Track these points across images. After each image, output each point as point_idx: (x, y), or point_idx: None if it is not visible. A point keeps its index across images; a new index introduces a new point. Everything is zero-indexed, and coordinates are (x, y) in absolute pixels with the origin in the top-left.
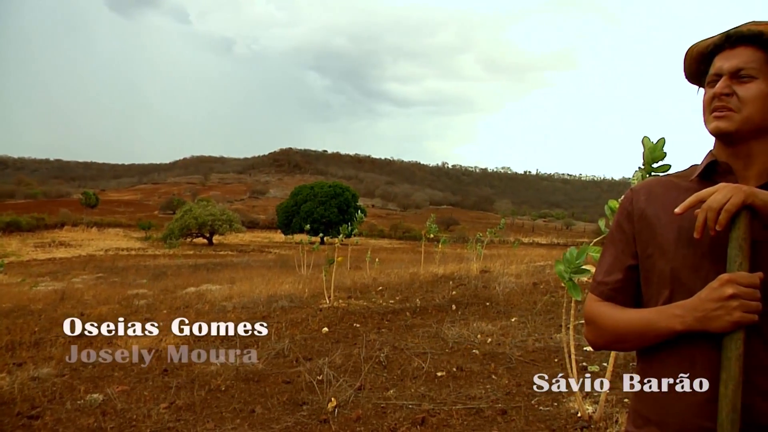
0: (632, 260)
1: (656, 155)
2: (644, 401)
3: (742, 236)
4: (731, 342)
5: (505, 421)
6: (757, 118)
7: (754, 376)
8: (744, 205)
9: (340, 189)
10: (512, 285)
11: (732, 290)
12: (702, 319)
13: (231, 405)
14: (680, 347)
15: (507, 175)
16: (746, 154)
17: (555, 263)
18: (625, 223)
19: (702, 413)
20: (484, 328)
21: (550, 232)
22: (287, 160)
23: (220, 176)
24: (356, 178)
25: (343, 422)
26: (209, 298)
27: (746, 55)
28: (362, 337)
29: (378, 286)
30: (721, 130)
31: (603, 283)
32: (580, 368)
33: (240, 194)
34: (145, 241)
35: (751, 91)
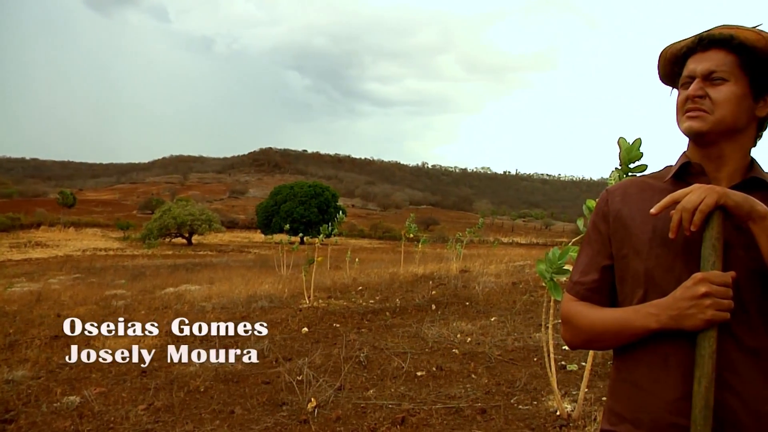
0: (608, 260)
1: (633, 155)
2: (619, 399)
3: (716, 236)
4: (705, 340)
5: (484, 420)
6: (729, 119)
7: (725, 373)
8: (717, 206)
9: (320, 189)
10: (492, 285)
11: (705, 289)
12: (676, 317)
13: (210, 406)
14: (654, 345)
15: (487, 175)
16: (718, 155)
17: (536, 263)
18: (601, 224)
19: (675, 410)
20: (464, 328)
21: (529, 232)
22: (267, 160)
23: (199, 176)
24: (336, 177)
25: (323, 422)
26: (188, 298)
27: (718, 57)
28: (342, 337)
29: (358, 286)
30: (694, 130)
31: (579, 283)
32: (559, 367)
33: (219, 194)
34: (124, 241)
35: (723, 93)
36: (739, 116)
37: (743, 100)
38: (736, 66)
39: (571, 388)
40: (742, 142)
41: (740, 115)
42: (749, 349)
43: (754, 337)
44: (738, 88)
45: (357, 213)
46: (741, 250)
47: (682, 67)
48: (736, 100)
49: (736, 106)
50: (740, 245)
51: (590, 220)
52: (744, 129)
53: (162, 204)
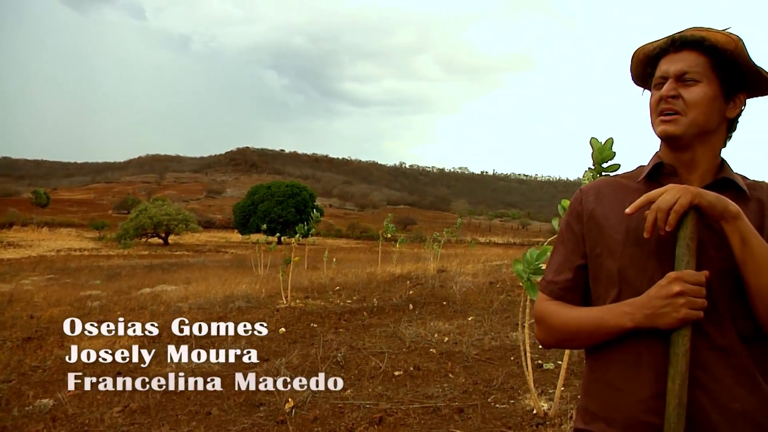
0: (581, 260)
1: (605, 155)
2: (592, 397)
3: (690, 235)
4: (678, 338)
5: (462, 419)
6: (702, 120)
7: (696, 371)
8: (691, 206)
9: (298, 189)
10: (469, 284)
11: (679, 288)
12: (651, 316)
13: (187, 407)
14: (627, 344)
15: (464, 175)
16: (690, 156)
17: (513, 263)
18: (575, 224)
19: (648, 408)
20: (441, 327)
21: (506, 232)
22: (244, 160)
23: (175, 175)
24: (313, 177)
25: (300, 423)
26: (164, 299)
27: (690, 59)
28: (319, 337)
29: (335, 285)
30: (668, 133)
31: (553, 282)
32: (535, 366)
33: (196, 194)
34: (99, 242)
35: (696, 94)
36: (711, 117)
37: (715, 101)
38: (707, 67)
39: (547, 387)
40: (714, 143)
41: (712, 116)
42: (719, 347)
43: (724, 335)
44: (710, 89)
45: (334, 213)
46: (713, 250)
47: (654, 68)
48: (709, 101)
49: (709, 106)
50: (712, 245)
51: (564, 220)
52: (715, 130)
53: (138, 203)
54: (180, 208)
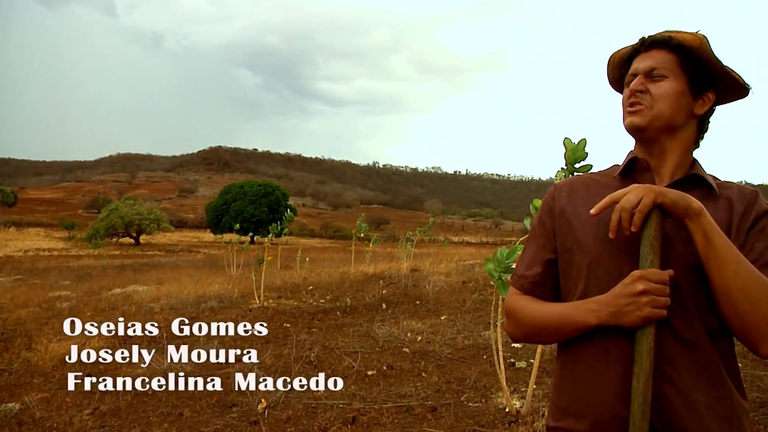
0: (552, 254)
1: (578, 155)
2: (562, 394)
3: (653, 234)
4: (643, 336)
5: (434, 418)
6: (667, 113)
7: (663, 364)
8: (655, 205)
9: (271, 188)
10: (442, 283)
11: (642, 286)
12: (615, 313)
13: (158, 409)
14: (596, 340)
15: (437, 174)
16: (660, 151)
17: (485, 262)
18: (547, 219)
19: (617, 403)
20: (414, 327)
21: (479, 231)
22: (217, 159)
23: (147, 174)
24: (287, 177)
25: (273, 423)
26: (136, 299)
27: (659, 56)
28: (292, 337)
29: (308, 285)
30: (634, 124)
31: (523, 277)
32: (508, 365)
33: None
34: (69, 241)
35: (663, 89)
36: (677, 111)
37: (682, 97)
38: (675, 64)
39: (519, 385)
40: (683, 138)
41: (678, 110)
42: (686, 341)
43: (691, 329)
44: (677, 85)
45: (308, 212)
46: (680, 246)
47: (628, 70)
48: (675, 96)
49: (675, 101)
50: (680, 241)
51: (537, 215)
52: (683, 126)
53: (109, 203)
54: (152, 208)
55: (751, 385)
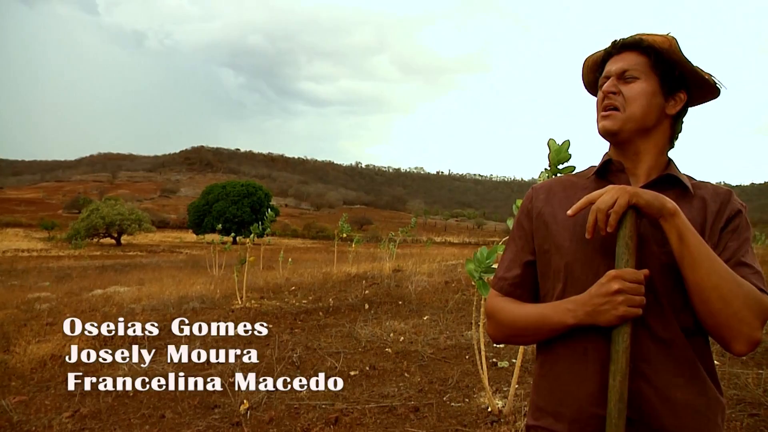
0: (530, 256)
1: (561, 156)
2: (541, 393)
3: (629, 234)
4: (619, 335)
5: (417, 418)
6: (639, 114)
7: (639, 363)
8: (629, 206)
9: (253, 188)
10: (424, 284)
11: (618, 286)
12: (591, 313)
13: (140, 411)
14: (574, 340)
15: (420, 175)
16: (634, 152)
17: (466, 262)
18: (525, 221)
19: (594, 401)
20: (397, 327)
21: (461, 232)
22: (199, 159)
23: (129, 174)
24: (269, 177)
25: (255, 424)
26: (117, 300)
27: (630, 58)
28: (275, 338)
29: (291, 286)
30: (606, 129)
31: (503, 279)
32: (490, 364)
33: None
34: (48, 242)
35: (634, 90)
36: (649, 111)
37: (653, 97)
38: (647, 66)
39: (502, 385)
40: (656, 139)
41: (650, 111)
42: (662, 339)
43: (667, 328)
44: (648, 86)
45: (290, 213)
46: (655, 246)
47: (601, 74)
48: (647, 96)
49: (647, 101)
50: (655, 241)
51: (516, 218)
52: (656, 126)
53: (90, 203)
54: (133, 208)
55: (728, 382)
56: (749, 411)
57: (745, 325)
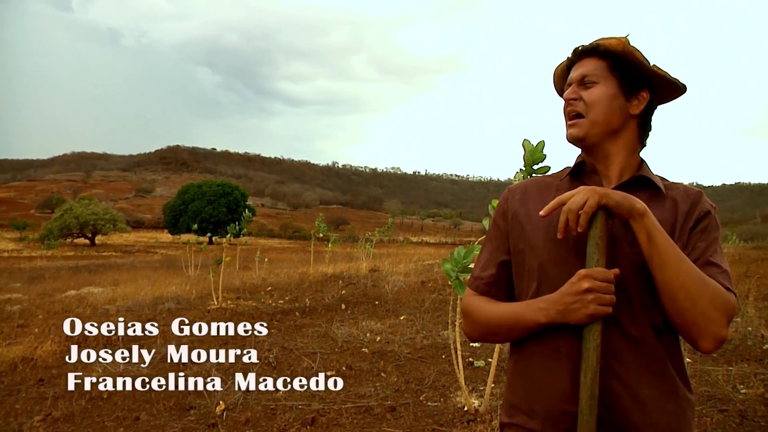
0: (506, 256)
1: (536, 157)
2: (515, 391)
3: (599, 234)
4: (590, 333)
5: (394, 417)
6: (602, 118)
7: (611, 361)
8: (600, 206)
9: (229, 188)
10: (401, 284)
11: (588, 285)
12: (563, 311)
13: (114, 413)
14: (547, 338)
15: (397, 175)
16: (604, 155)
17: (443, 262)
18: (501, 221)
19: (567, 399)
20: (374, 327)
21: (438, 232)
22: (175, 158)
23: (103, 174)
24: (246, 177)
25: (231, 425)
26: (91, 301)
27: (590, 64)
28: (251, 338)
29: (267, 286)
30: (573, 136)
31: (479, 278)
32: (466, 364)
33: (125, 192)
34: (20, 242)
35: (594, 95)
36: (611, 114)
37: (614, 99)
38: (605, 69)
39: (478, 384)
40: (625, 140)
41: (612, 113)
42: (632, 337)
43: (637, 326)
44: (607, 89)
45: (267, 213)
46: (626, 246)
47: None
48: (607, 99)
49: (607, 104)
50: (627, 241)
51: (492, 218)
52: (623, 128)
53: (63, 203)
54: (108, 208)
55: (700, 379)
56: (719, 407)
57: (711, 323)
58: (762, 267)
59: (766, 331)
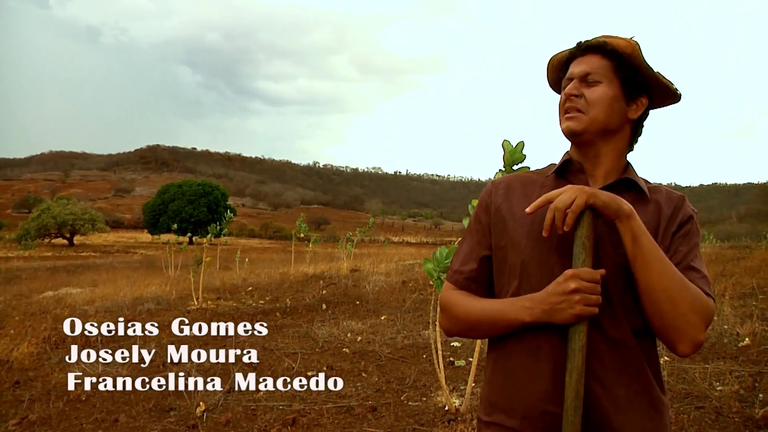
0: (487, 251)
1: (516, 157)
2: (494, 389)
3: (586, 234)
4: (575, 334)
5: (375, 417)
6: (602, 117)
7: (592, 363)
8: (587, 206)
9: (210, 188)
10: (382, 283)
11: (575, 285)
12: (549, 311)
13: (92, 415)
14: (528, 337)
15: (378, 175)
16: (595, 154)
17: (424, 262)
18: (483, 216)
19: (546, 398)
20: (354, 327)
21: (419, 232)
22: (155, 158)
23: (82, 173)
24: (226, 176)
25: (212, 426)
26: (69, 302)
27: (594, 61)
28: (231, 339)
29: (248, 286)
30: (571, 129)
31: (458, 272)
32: (447, 363)
33: (104, 192)
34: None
35: (597, 94)
36: (611, 115)
37: (616, 101)
38: (609, 70)
39: (459, 383)
40: (617, 143)
41: (613, 115)
42: (613, 339)
43: (618, 328)
44: (610, 90)
45: (247, 212)
46: (610, 247)
47: (566, 73)
48: (609, 101)
49: (609, 105)
50: (610, 242)
51: (474, 212)
52: (618, 130)
53: (40, 202)
54: (86, 208)
55: (677, 377)
56: (696, 404)
57: (691, 327)
58: (738, 266)
59: (741, 329)
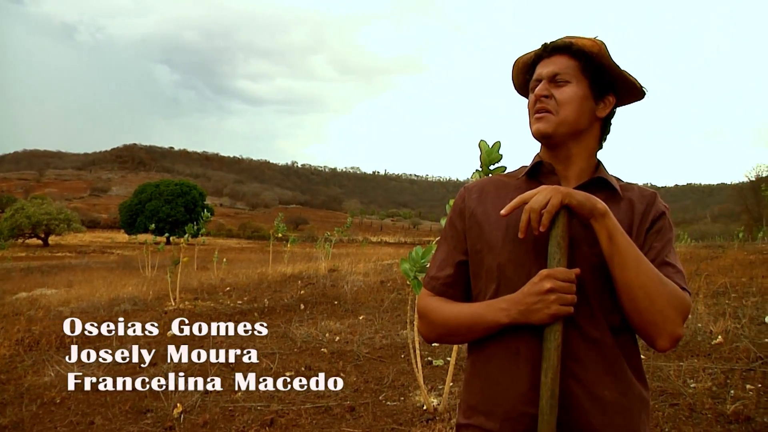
0: (463, 256)
1: (492, 157)
2: (473, 392)
3: (561, 234)
4: (551, 333)
5: (353, 417)
6: (572, 117)
7: (569, 362)
8: (562, 206)
9: (187, 187)
10: (360, 283)
11: (550, 285)
12: (525, 312)
13: (67, 418)
14: (506, 339)
15: (356, 175)
16: (566, 155)
17: (401, 261)
18: (457, 221)
19: (525, 400)
20: (333, 327)
21: (397, 231)
22: (131, 157)
23: (57, 172)
24: (204, 176)
25: (189, 428)
26: (43, 303)
27: (561, 62)
28: (209, 339)
29: (225, 286)
30: (541, 131)
31: (435, 278)
32: (425, 363)
33: (79, 192)
34: None
35: (566, 94)
36: (581, 115)
37: (585, 101)
38: (577, 69)
39: (437, 383)
40: (587, 142)
41: (582, 114)
42: (591, 339)
43: (596, 327)
44: (579, 89)
45: (225, 212)
46: (586, 247)
47: (532, 75)
48: (579, 100)
49: (579, 105)
50: (586, 242)
51: (448, 217)
52: (587, 129)
53: (14, 202)
54: (61, 207)
55: (652, 375)
56: (670, 401)
57: (669, 322)
58: (711, 265)
59: (714, 327)
